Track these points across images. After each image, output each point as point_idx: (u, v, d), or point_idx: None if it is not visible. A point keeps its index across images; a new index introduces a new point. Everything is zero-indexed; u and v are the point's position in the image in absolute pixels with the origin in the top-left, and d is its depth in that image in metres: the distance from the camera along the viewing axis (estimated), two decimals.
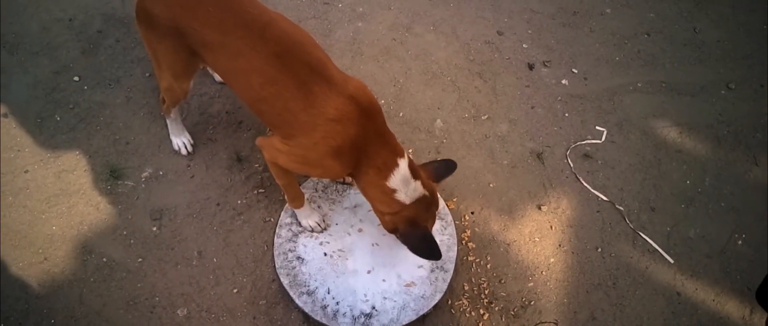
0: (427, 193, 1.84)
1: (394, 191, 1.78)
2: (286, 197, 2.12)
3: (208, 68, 2.18)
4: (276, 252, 2.11)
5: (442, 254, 2.11)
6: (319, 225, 2.16)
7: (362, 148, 1.74)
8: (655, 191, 2.49)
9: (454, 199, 2.36)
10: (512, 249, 2.28)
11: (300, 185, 2.25)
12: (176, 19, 1.73)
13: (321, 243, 2.13)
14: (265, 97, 1.73)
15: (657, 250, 2.33)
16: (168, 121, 2.30)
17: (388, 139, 1.79)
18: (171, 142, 2.35)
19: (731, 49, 3.04)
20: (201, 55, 1.81)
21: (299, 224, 2.16)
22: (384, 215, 1.87)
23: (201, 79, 2.56)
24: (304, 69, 1.68)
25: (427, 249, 1.82)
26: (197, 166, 2.33)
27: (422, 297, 2.05)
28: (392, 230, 1.91)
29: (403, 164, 1.78)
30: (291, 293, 2.02)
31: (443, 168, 1.98)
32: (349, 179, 2.27)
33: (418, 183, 1.82)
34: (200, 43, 1.74)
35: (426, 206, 1.85)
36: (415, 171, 1.83)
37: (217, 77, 2.50)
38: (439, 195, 1.96)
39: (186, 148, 2.34)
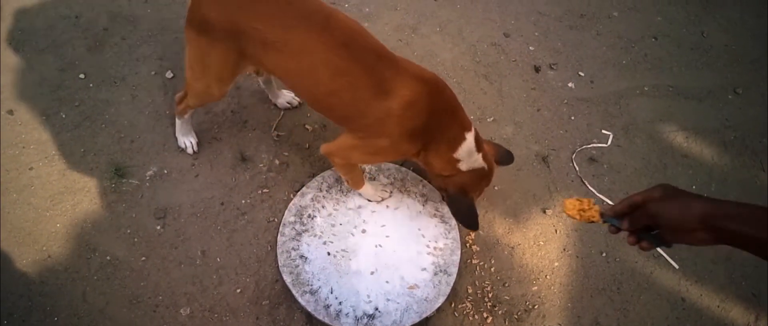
0: (485, 166, 1.93)
1: (458, 161, 1.86)
2: (348, 184, 2.19)
3: (252, 72, 2.14)
4: (279, 251, 2.11)
5: (446, 257, 2.12)
6: (384, 193, 2.24)
7: (435, 124, 1.78)
8: None
9: None
10: (516, 253, 2.27)
11: (305, 185, 2.25)
12: (236, 22, 1.70)
13: (324, 243, 2.13)
14: (335, 90, 1.72)
15: (662, 255, 2.32)
16: (179, 121, 2.29)
17: (458, 113, 1.85)
18: (177, 139, 2.35)
19: (739, 54, 3.02)
20: (258, 57, 1.76)
21: (302, 223, 2.15)
22: (438, 176, 1.95)
23: None
24: (371, 56, 1.70)
25: (468, 217, 1.94)
26: (202, 165, 2.33)
27: (425, 299, 2.04)
28: (441, 189, 2.01)
29: (470, 137, 1.85)
30: (294, 292, 2.02)
31: (506, 157, 2.08)
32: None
33: (480, 155, 1.90)
34: (261, 43, 1.70)
35: (479, 177, 1.94)
36: (479, 143, 1.90)
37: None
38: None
39: (192, 147, 2.34)
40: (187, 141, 2.34)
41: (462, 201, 1.93)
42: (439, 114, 1.78)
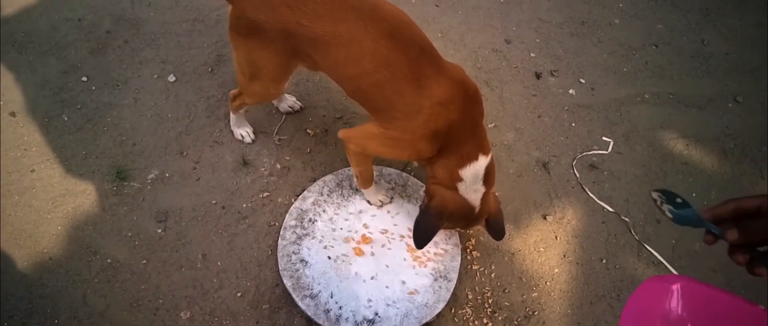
0: (477, 208, 1.86)
1: (460, 180, 1.80)
2: (357, 181, 2.17)
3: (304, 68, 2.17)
4: (279, 254, 2.11)
5: (447, 263, 2.12)
6: (385, 197, 2.23)
7: (455, 133, 1.76)
8: None
9: None
10: (517, 259, 2.28)
11: (306, 190, 2.26)
12: (284, 22, 1.70)
13: (325, 247, 2.13)
14: (378, 81, 1.71)
15: (662, 263, 2.33)
16: (233, 116, 2.33)
17: (479, 132, 1.81)
18: (232, 132, 2.40)
19: (739, 62, 3.03)
20: (308, 52, 1.77)
21: (303, 228, 2.16)
22: (434, 180, 1.87)
23: (208, 82, 2.56)
24: (415, 48, 1.69)
25: (423, 235, 1.84)
26: (203, 169, 2.34)
27: (425, 305, 2.04)
28: (426, 194, 1.91)
29: (482, 162, 1.81)
30: (294, 295, 2.02)
31: (497, 228, 1.98)
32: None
33: (483, 191, 1.85)
34: (310, 39, 1.71)
35: (465, 213, 1.87)
36: (489, 178, 1.85)
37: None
38: None
39: (249, 136, 2.38)
40: (243, 131, 2.38)
41: (430, 219, 1.84)
42: (464, 124, 1.76)
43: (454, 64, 1.79)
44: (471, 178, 1.81)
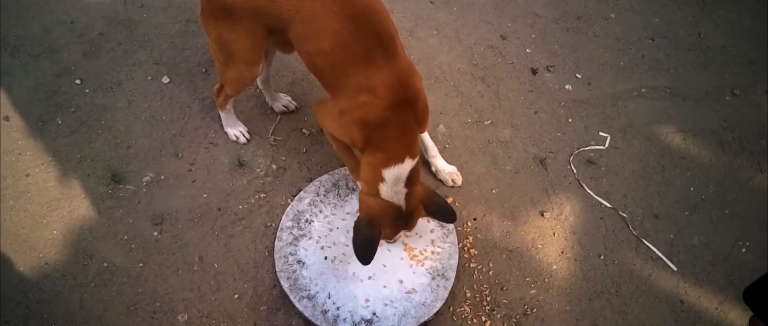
0: (403, 207, 1.87)
1: (382, 180, 1.80)
2: (347, 168, 2.18)
3: (278, 49, 2.19)
4: (277, 256, 2.10)
5: (444, 262, 2.11)
6: None
7: (385, 129, 1.76)
8: (659, 198, 2.47)
9: (457, 204, 2.35)
10: (514, 256, 2.27)
11: (302, 190, 2.25)
12: (253, 0, 1.74)
13: (322, 248, 2.13)
14: (333, 61, 1.74)
15: (660, 258, 2.32)
16: (223, 114, 2.32)
17: (410, 136, 1.82)
18: (226, 134, 2.39)
19: (736, 55, 3.02)
20: (276, 27, 1.80)
21: (300, 228, 2.15)
22: (361, 186, 1.91)
23: (202, 83, 2.55)
24: (374, 37, 1.70)
25: (363, 250, 1.82)
26: (198, 171, 2.33)
27: (423, 304, 2.04)
28: (359, 208, 1.93)
29: (408, 164, 1.81)
30: (291, 297, 2.01)
31: (442, 212, 1.95)
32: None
33: (405, 192, 1.85)
34: (277, 15, 1.74)
35: (393, 214, 1.87)
36: (413, 181, 1.85)
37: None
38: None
39: (244, 135, 2.38)
40: (237, 131, 2.38)
41: (364, 230, 1.83)
42: (396, 124, 1.76)
43: (410, 66, 1.79)
44: (393, 180, 1.81)
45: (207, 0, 1.82)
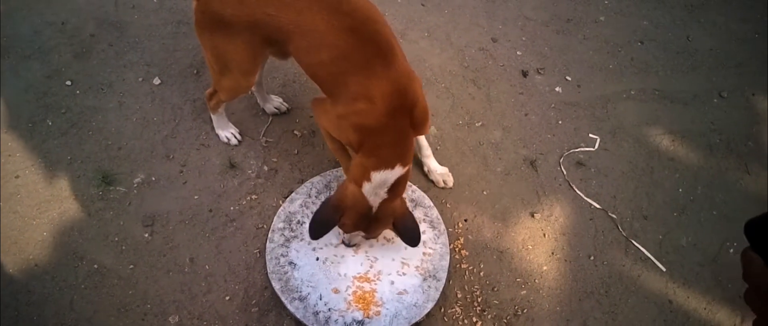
0: (375, 210, 1.88)
1: (369, 180, 1.82)
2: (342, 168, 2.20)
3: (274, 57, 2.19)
4: (268, 257, 2.10)
5: (435, 262, 2.12)
6: None
7: (381, 135, 1.78)
8: (648, 199, 2.49)
9: (448, 206, 2.36)
10: (505, 257, 2.28)
11: (294, 192, 2.25)
12: (251, 14, 1.74)
13: (313, 249, 2.13)
14: (333, 72, 1.76)
15: (649, 258, 2.34)
16: (214, 117, 2.33)
17: (404, 144, 1.83)
18: (218, 135, 2.39)
19: (724, 58, 3.06)
20: (275, 39, 1.81)
21: (291, 230, 2.15)
22: (350, 175, 1.90)
23: (193, 84, 2.55)
24: (372, 46, 1.71)
25: (316, 224, 1.86)
26: (190, 172, 2.32)
27: (415, 305, 2.04)
28: (337, 189, 1.95)
29: (397, 171, 1.82)
30: (283, 298, 2.01)
31: (409, 234, 1.95)
32: None
33: (383, 198, 1.85)
34: (276, 28, 1.74)
35: (361, 210, 1.87)
36: (396, 189, 1.86)
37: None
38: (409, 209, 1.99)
39: (236, 137, 2.38)
40: (228, 133, 2.38)
41: (328, 212, 1.87)
42: (391, 130, 1.78)
43: (409, 72, 1.80)
44: (378, 182, 1.82)
45: (201, 12, 1.80)
